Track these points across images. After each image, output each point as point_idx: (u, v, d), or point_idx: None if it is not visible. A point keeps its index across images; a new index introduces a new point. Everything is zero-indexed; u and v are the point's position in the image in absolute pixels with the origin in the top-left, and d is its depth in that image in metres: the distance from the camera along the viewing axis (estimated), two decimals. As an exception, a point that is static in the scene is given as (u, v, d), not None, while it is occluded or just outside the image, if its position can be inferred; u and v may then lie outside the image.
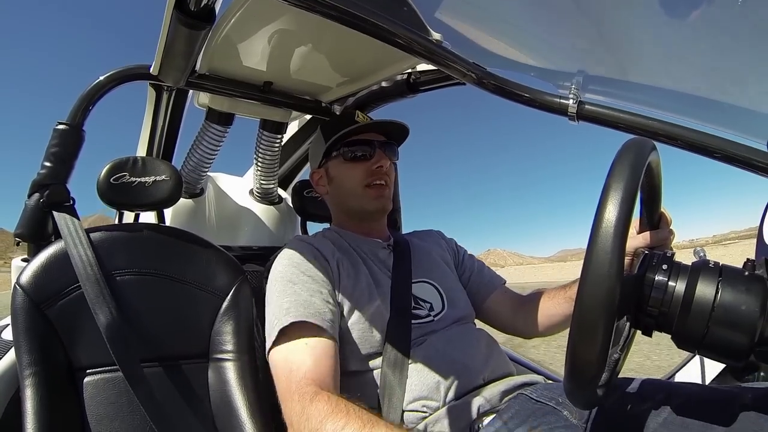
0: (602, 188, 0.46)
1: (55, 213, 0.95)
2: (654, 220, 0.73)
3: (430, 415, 0.80)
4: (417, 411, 0.80)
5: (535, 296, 1.02)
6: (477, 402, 0.81)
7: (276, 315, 0.80)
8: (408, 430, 0.77)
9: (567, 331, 0.48)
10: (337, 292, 0.87)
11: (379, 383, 0.83)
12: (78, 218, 0.96)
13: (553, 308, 0.97)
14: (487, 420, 0.78)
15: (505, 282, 1.11)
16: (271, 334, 0.80)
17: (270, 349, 0.80)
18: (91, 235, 0.93)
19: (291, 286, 0.83)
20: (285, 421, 0.73)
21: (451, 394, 0.81)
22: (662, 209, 0.72)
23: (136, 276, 0.94)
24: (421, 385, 0.81)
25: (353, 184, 0.98)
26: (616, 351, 0.59)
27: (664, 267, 0.51)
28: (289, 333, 0.78)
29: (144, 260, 0.96)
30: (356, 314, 0.86)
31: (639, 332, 0.57)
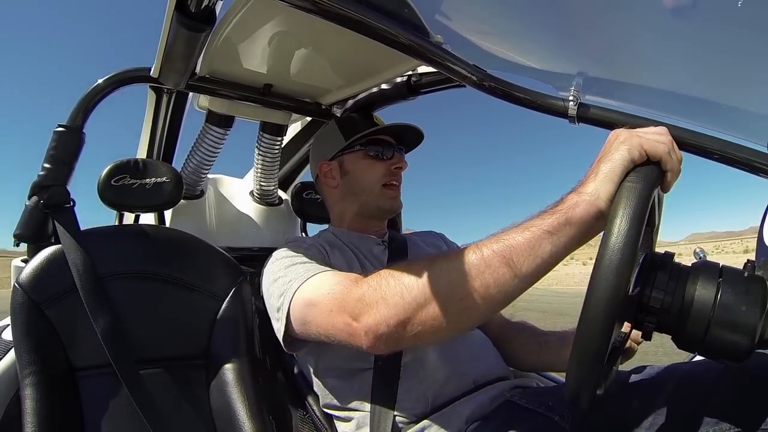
0: (612, 206, 0.48)
1: (54, 214, 0.95)
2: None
3: (419, 422, 0.78)
4: (405, 417, 0.79)
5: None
6: (467, 408, 0.79)
7: (294, 278, 0.76)
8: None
9: None
10: None
11: (370, 386, 0.82)
12: (77, 220, 0.95)
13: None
14: (474, 425, 0.76)
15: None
16: (287, 294, 0.75)
17: (291, 299, 0.74)
18: (90, 236, 0.92)
19: (298, 260, 0.81)
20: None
21: (440, 400, 0.80)
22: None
23: (134, 277, 0.94)
24: (410, 389, 0.80)
25: (372, 180, 1.00)
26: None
27: (665, 268, 0.51)
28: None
29: (143, 262, 0.96)
30: None
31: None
